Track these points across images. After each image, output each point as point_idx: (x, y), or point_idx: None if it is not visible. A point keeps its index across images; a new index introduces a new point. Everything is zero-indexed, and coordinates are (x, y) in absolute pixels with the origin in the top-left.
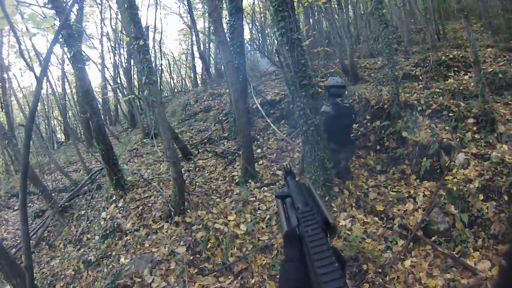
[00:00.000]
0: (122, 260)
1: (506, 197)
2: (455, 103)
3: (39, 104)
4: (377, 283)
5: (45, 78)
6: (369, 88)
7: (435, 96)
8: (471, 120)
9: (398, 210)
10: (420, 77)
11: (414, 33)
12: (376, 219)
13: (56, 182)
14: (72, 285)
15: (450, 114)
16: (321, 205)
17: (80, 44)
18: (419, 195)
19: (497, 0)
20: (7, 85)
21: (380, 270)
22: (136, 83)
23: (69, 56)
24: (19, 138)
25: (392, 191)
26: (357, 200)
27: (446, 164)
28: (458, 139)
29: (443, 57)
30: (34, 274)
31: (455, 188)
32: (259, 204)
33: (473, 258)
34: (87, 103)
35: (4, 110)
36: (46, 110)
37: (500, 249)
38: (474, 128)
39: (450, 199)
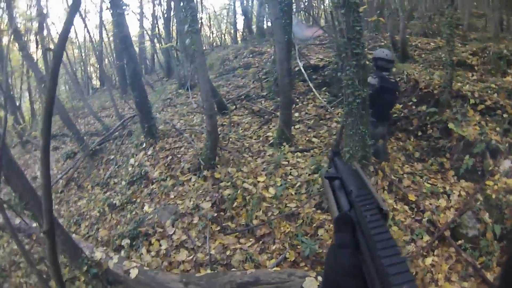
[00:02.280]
0: (146, 208)
1: None
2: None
3: (76, 51)
4: None
5: (83, 22)
6: (418, 69)
7: (489, 92)
8: None
9: (430, 204)
10: (476, 68)
11: (476, 18)
12: (406, 208)
13: (89, 126)
14: (96, 226)
15: (504, 115)
16: (372, 189)
17: None
18: (454, 193)
19: None
20: (45, 32)
21: None
22: (174, 34)
23: (108, 2)
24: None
25: (427, 183)
26: (390, 184)
27: (490, 168)
28: (507, 144)
29: (505, 50)
30: (63, 212)
31: (493, 196)
32: (291, 169)
33: (494, 273)
34: (124, 50)
35: (42, 56)
36: (83, 57)
37: None
38: None
39: (486, 206)
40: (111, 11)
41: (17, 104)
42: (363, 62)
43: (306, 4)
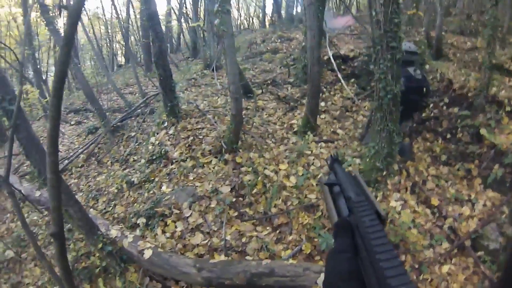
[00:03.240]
0: (163, 188)
1: None
2: None
3: (103, 27)
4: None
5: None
6: (452, 68)
7: None
8: None
9: (453, 210)
10: None
11: None
12: (428, 211)
13: (112, 102)
14: (113, 202)
15: None
16: (371, 196)
17: None
18: (479, 202)
19: None
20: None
21: (417, 266)
22: (202, 14)
23: None
24: (81, 59)
25: (452, 188)
26: (413, 185)
27: None
28: None
29: None
30: (81, 187)
31: None
32: (313, 159)
33: None
34: (151, 27)
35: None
36: (110, 33)
37: None
38: None
39: (511, 220)
40: None
41: (43, 78)
42: (398, 56)
43: None
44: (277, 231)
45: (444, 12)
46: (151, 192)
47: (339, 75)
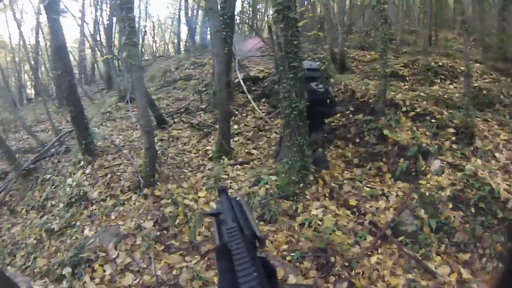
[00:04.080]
0: (86, 231)
1: (473, 209)
2: (438, 111)
3: (9, 55)
4: (343, 276)
5: (17, 24)
6: (355, 79)
7: (419, 100)
8: (451, 130)
9: (371, 206)
10: (407, 78)
11: (407, 34)
12: (348, 212)
13: (22, 141)
14: (33, 255)
15: (432, 120)
16: (250, 219)
17: None
18: (392, 194)
19: (494, 20)
20: None
21: (347, 264)
22: (116, 42)
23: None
24: None
25: (367, 187)
26: (331, 191)
27: (422, 169)
28: (436, 146)
29: (433, 63)
30: None
31: (427, 193)
32: (231, 183)
33: (435, 262)
34: (60, 59)
35: None
36: (17, 62)
37: (460, 257)
38: (453, 138)
39: (421, 203)
40: (47, 16)
41: None
42: (300, 75)
43: (250, 16)
44: (206, 258)
45: (346, 30)
46: (74, 237)
47: (249, 97)
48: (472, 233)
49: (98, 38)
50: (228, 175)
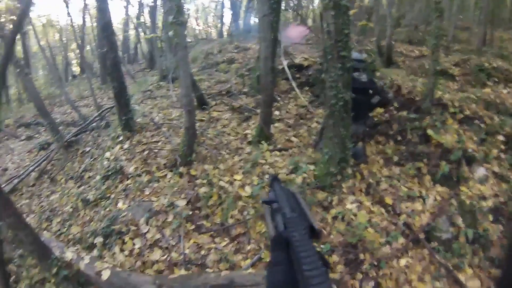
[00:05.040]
0: (120, 204)
1: None
2: (489, 115)
3: (57, 34)
4: (370, 275)
5: (65, 4)
6: (401, 75)
7: (469, 102)
8: (501, 138)
9: (406, 207)
10: (457, 78)
11: (460, 30)
12: (383, 210)
13: (66, 115)
14: (68, 222)
15: (481, 125)
16: (307, 211)
17: None
18: (430, 197)
19: None
20: None
21: (376, 263)
22: (160, 24)
23: None
24: (33, 69)
25: (404, 187)
26: (368, 186)
27: (465, 175)
28: (482, 153)
29: (486, 63)
30: (34, 207)
31: (467, 202)
32: (268, 168)
33: (466, 274)
34: (106, 37)
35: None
36: (64, 41)
37: (493, 272)
38: (502, 147)
39: (459, 211)
40: None
41: None
42: (348, 65)
43: (295, 2)
44: (235, 242)
45: (394, 23)
46: (108, 209)
47: (293, 84)
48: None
49: (142, 19)
50: (266, 160)
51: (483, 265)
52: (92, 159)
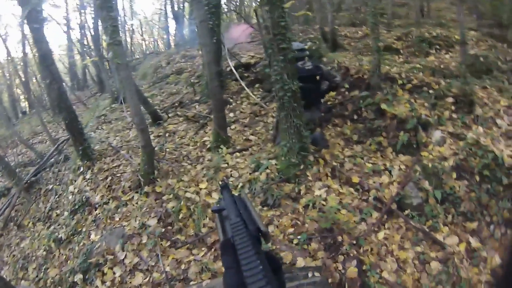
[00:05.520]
0: (92, 236)
1: (477, 178)
2: (436, 81)
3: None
4: (351, 254)
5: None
6: (348, 56)
7: (415, 72)
8: (450, 100)
9: (374, 182)
10: (401, 51)
11: (398, 7)
12: (352, 190)
13: (21, 155)
14: (44, 266)
15: (430, 91)
16: (253, 213)
17: (37, 1)
18: (394, 168)
19: None
20: None
21: (354, 242)
22: (105, 44)
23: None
24: None
25: (368, 163)
26: (333, 170)
27: (423, 140)
28: (436, 117)
29: (426, 34)
30: (5, 259)
31: (430, 165)
32: (231, 171)
33: (442, 233)
34: (46, 68)
35: None
36: (7, 77)
37: (468, 226)
38: (452, 108)
39: (424, 175)
40: (29, 26)
41: None
42: (290, 56)
43: (237, 4)
44: (213, 249)
45: (335, 8)
46: (81, 244)
47: (242, 84)
48: (478, 202)
49: (85, 42)
50: (227, 164)
51: (456, 221)
52: (56, 196)
